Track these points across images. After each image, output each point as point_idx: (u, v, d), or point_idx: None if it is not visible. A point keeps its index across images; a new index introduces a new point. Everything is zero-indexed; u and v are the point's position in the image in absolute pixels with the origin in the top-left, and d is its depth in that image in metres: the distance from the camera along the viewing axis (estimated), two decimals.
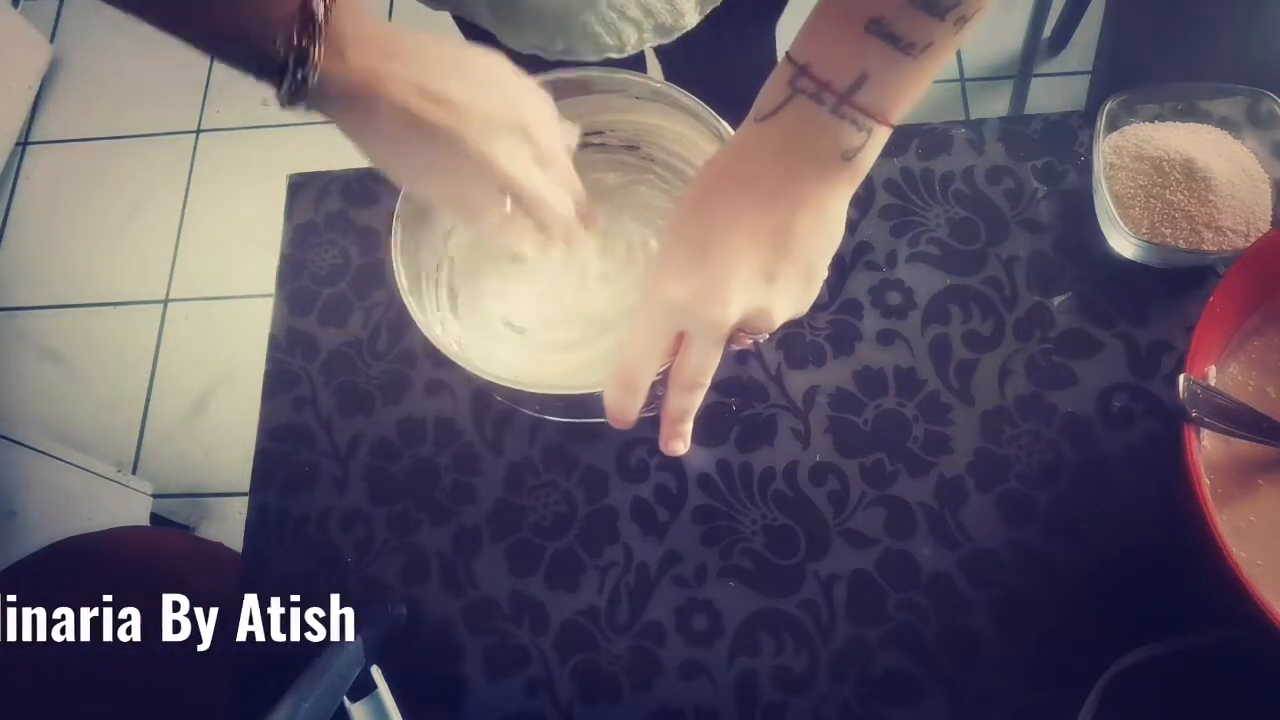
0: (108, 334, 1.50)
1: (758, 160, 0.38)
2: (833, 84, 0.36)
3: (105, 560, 0.88)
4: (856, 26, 0.35)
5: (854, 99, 0.36)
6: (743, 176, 0.39)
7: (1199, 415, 0.42)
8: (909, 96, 0.37)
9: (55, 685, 0.74)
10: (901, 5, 0.35)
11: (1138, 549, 0.49)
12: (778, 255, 0.39)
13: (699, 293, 0.38)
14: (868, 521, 0.51)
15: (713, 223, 0.39)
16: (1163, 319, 0.53)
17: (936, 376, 0.53)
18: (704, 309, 0.38)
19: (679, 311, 0.38)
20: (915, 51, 0.35)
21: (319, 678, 0.46)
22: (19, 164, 1.64)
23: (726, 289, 0.38)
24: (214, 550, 0.99)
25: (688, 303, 0.38)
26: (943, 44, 0.36)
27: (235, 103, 1.65)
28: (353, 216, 0.62)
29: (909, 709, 0.47)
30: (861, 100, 0.36)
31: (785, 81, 0.37)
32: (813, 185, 0.38)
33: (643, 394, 0.40)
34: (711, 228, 0.38)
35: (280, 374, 0.58)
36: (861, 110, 0.37)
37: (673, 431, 0.42)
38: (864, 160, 0.38)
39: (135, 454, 1.42)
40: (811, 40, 0.37)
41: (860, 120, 0.37)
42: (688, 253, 0.39)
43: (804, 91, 0.37)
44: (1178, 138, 0.53)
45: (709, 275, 0.38)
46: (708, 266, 0.38)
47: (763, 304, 0.39)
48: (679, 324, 0.39)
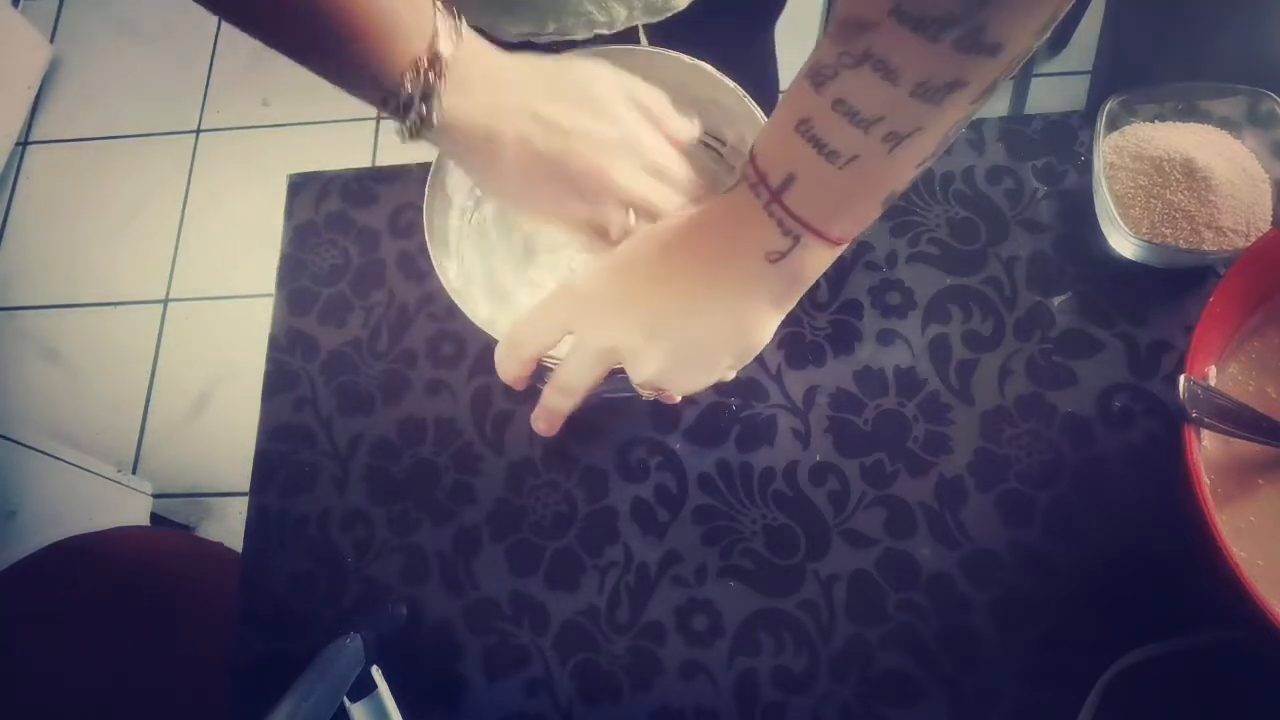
0: (108, 334, 1.51)
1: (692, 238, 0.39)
2: (767, 178, 0.36)
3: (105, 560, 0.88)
4: (789, 124, 0.34)
5: (783, 199, 0.35)
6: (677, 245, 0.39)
7: (1199, 415, 0.42)
8: (842, 210, 0.36)
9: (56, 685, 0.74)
10: (826, 110, 0.33)
11: (1138, 549, 0.49)
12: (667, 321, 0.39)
13: (597, 310, 0.40)
14: (868, 521, 0.51)
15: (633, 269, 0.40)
16: (1163, 319, 0.53)
17: (936, 376, 0.53)
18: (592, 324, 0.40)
19: (576, 314, 0.40)
20: (840, 162, 0.34)
21: (319, 678, 0.46)
22: (19, 164, 1.65)
23: (614, 320, 0.40)
24: (214, 550, 0.99)
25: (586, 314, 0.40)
26: (871, 160, 0.34)
27: (235, 103, 1.65)
28: (353, 216, 0.62)
29: (909, 709, 0.47)
30: (790, 202, 0.35)
31: (745, 163, 0.37)
32: (729, 281, 0.38)
33: (528, 365, 0.42)
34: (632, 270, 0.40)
35: (280, 374, 0.58)
36: (789, 213, 0.36)
37: (543, 416, 0.43)
38: (794, 269, 0.37)
39: (135, 454, 1.42)
40: (765, 130, 0.36)
41: (787, 223, 0.36)
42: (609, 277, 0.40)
43: (748, 180, 0.36)
44: (1178, 138, 0.53)
45: (611, 305, 0.40)
46: (615, 298, 0.40)
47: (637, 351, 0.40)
48: (570, 324, 0.41)
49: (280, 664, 0.50)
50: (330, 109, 1.58)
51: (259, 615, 0.53)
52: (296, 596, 0.53)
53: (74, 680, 0.75)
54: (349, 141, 1.57)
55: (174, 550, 1.02)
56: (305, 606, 0.53)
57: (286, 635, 0.52)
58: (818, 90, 0.33)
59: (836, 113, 0.33)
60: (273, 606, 0.53)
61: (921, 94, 0.31)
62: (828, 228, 0.36)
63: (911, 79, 0.31)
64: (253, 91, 1.65)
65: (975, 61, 0.30)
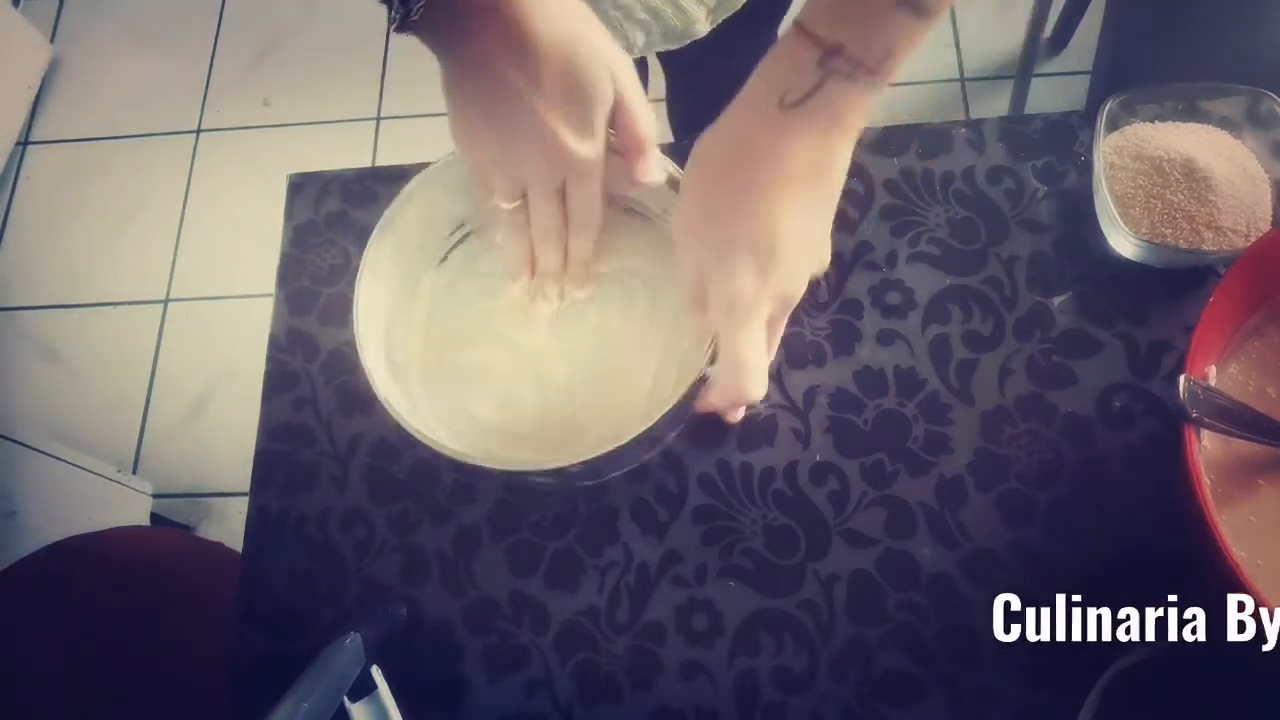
0: (108, 334, 1.51)
1: (794, 145, 0.39)
2: (866, 61, 0.37)
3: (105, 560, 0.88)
4: (889, 3, 0.36)
5: (881, 70, 0.37)
6: (780, 163, 0.39)
7: (1199, 415, 0.42)
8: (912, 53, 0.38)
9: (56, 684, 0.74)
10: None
11: (1138, 549, 0.49)
12: (825, 219, 0.42)
13: (782, 292, 0.41)
14: (868, 521, 0.51)
15: (765, 219, 0.40)
16: (1163, 319, 0.53)
17: (936, 376, 0.53)
18: (788, 301, 0.42)
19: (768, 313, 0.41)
20: (930, 16, 0.36)
21: (319, 678, 0.46)
22: (19, 164, 1.64)
23: (803, 274, 0.42)
24: (214, 550, 0.99)
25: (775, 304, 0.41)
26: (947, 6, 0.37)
27: (235, 103, 1.65)
28: (353, 216, 0.62)
29: (909, 709, 0.47)
30: (886, 70, 0.37)
31: (813, 63, 0.37)
32: (843, 150, 0.40)
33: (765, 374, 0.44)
34: (766, 224, 0.40)
35: (280, 374, 0.58)
36: (884, 78, 0.38)
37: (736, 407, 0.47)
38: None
39: (135, 454, 1.42)
40: (835, 17, 0.37)
41: (880, 85, 0.38)
42: (755, 255, 0.40)
43: (837, 72, 0.37)
44: (1178, 138, 0.53)
45: (784, 271, 0.41)
46: (779, 262, 0.40)
47: (822, 260, 0.43)
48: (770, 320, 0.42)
49: (280, 664, 0.50)
50: (330, 109, 1.58)
51: (259, 615, 0.53)
52: (296, 596, 0.53)
53: (74, 680, 0.75)
54: (349, 141, 1.57)
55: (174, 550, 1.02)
56: (305, 606, 0.53)
57: (286, 635, 0.52)
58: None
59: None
60: (273, 606, 0.53)
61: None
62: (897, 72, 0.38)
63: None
64: (253, 91, 1.65)
65: None
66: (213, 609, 0.76)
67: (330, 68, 1.62)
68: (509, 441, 0.50)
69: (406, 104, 1.59)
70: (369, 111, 1.58)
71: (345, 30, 1.66)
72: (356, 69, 1.61)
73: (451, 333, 0.53)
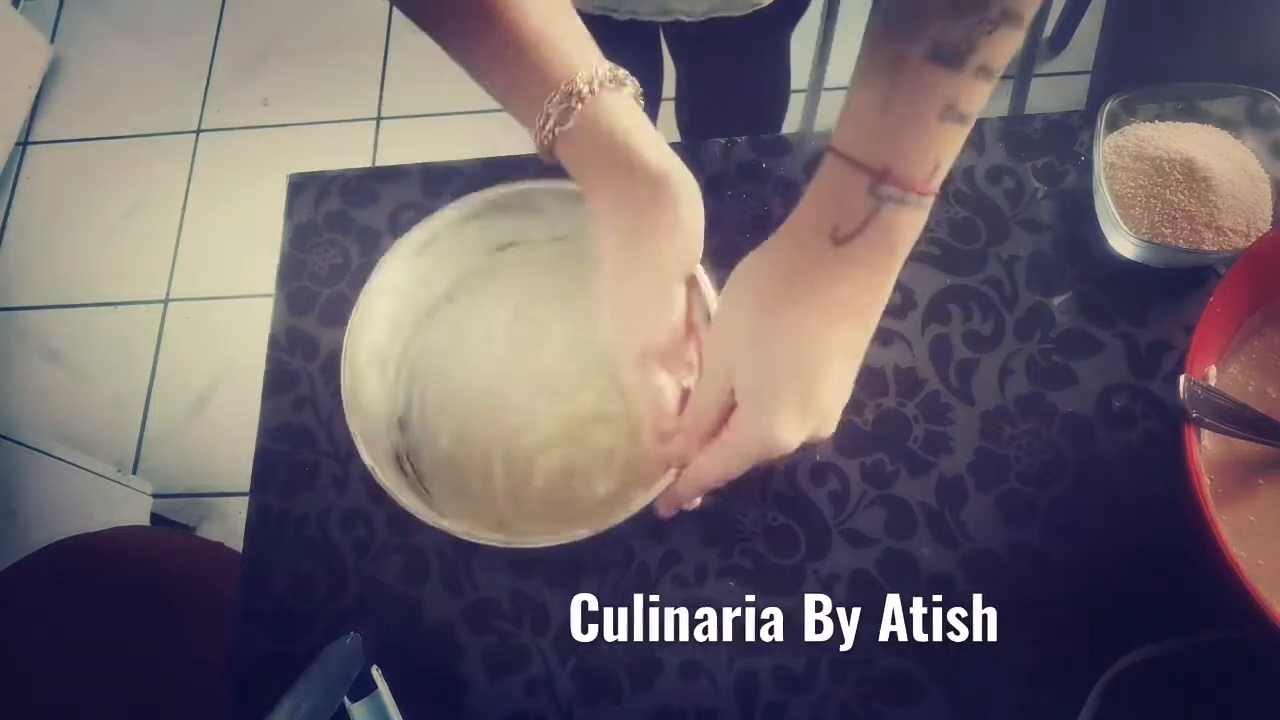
0: (108, 334, 1.51)
1: (850, 281, 0.38)
2: (915, 182, 0.36)
3: (105, 560, 0.88)
4: (931, 118, 0.35)
5: (929, 186, 0.36)
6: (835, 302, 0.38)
7: (1199, 415, 0.42)
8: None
9: (56, 685, 0.74)
10: (970, 83, 0.34)
11: (1138, 549, 0.49)
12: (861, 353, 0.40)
13: (814, 433, 0.40)
14: (868, 521, 0.51)
15: (816, 365, 0.39)
16: (1163, 319, 0.53)
17: (937, 376, 0.53)
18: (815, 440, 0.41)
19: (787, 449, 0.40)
20: (971, 121, 0.36)
21: (319, 678, 0.46)
22: (19, 164, 1.64)
23: (834, 418, 0.41)
24: (214, 550, 0.99)
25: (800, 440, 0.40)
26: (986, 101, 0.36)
27: (235, 103, 1.65)
28: (353, 216, 0.62)
29: (909, 709, 0.47)
30: (934, 185, 0.37)
31: (864, 191, 0.36)
32: (894, 275, 0.39)
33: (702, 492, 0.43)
34: (816, 370, 0.39)
35: (280, 374, 0.58)
36: (932, 194, 0.37)
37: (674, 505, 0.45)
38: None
39: (135, 454, 1.42)
40: (879, 140, 0.36)
41: (930, 203, 0.37)
42: (799, 398, 0.39)
43: (890, 199, 0.36)
44: (1178, 138, 0.53)
45: (823, 416, 0.40)
46: (818, 406, 0.39)
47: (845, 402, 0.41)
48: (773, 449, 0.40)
49: (280, 664, 0.50)
50: (330, 109, 1.58)
51: (259, 615, 0.53)
52: (296, 596, 0.53)
53: (74, 680, 0.75)
54: (349, 141, 1.57)
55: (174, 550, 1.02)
56: (305, 606, 0.53)
57: (286, 635, 0.52)
58: (955, 70, 0.34)
59: (979, 80, 0.34)
60: (273, 606, 0.53)
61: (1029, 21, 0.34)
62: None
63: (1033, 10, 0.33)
64: (253, 91, 1.65)
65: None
66: (213, 609, 0.76)
67: (330, 68, 1.62)
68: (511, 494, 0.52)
69: (406, 104, 1.59)
70: (369, 111, 1.58)
71: (345, 31, 1.66)
72: (356, 69, 1.61)
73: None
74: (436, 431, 0.53)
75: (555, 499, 0.51)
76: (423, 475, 0.51)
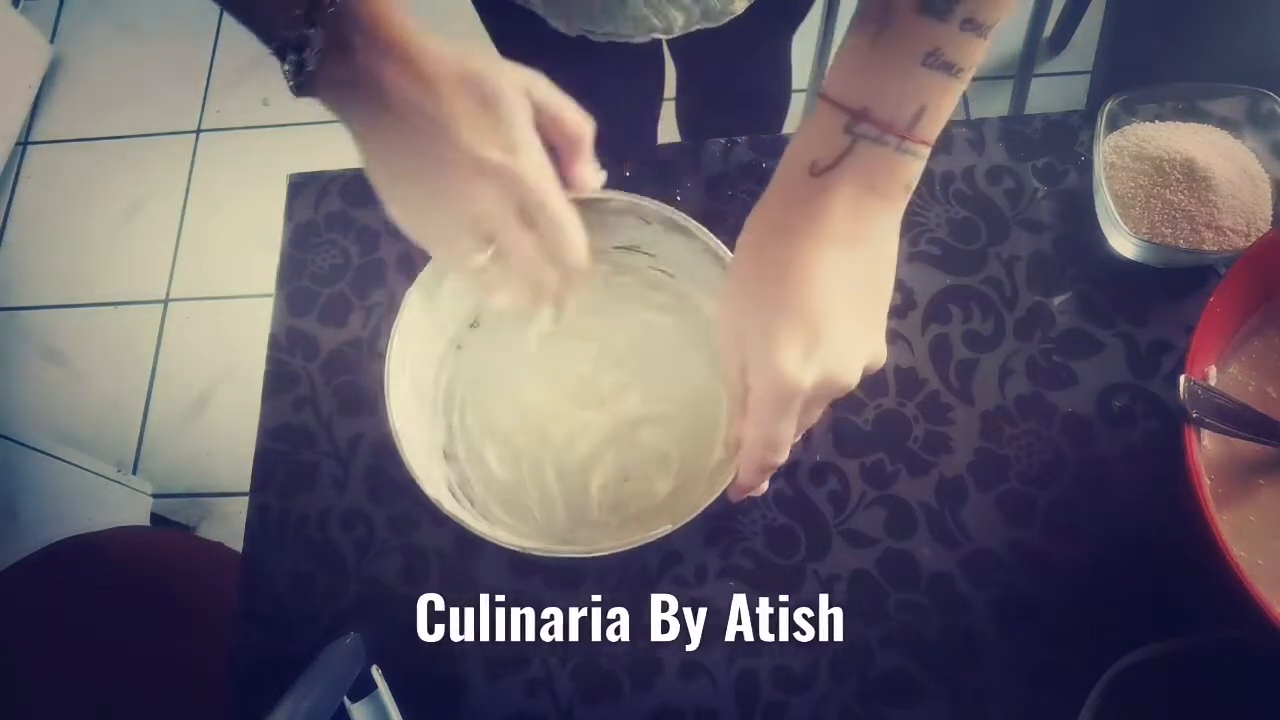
0: (108, 334, 1.50)
1: (828, 211, 0.38)
2: (895, 124, 0.36)
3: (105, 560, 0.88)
4: (913, 61, 0.36)
5: (914, 132, 0.37)
6: (815, 229, 0.38)
7: (1199, 415, 0.42)
8: (949, 114, 0.38)
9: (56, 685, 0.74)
10: (953, 33, 0.35)
11: (1138, 549, 0.49)
12: (879, 300, 0.40)
13: (829, 372, 0.38)
14: (868, 521, 0.51)
15: (804, 286, 0.38)
16: (1163, 319, 0.53)
17: (937, 376, 0.53)
18: (835, 386, 0.39)
19: (813, 394, 0.38)
20: (963, 74, 0.36)
21: (319, 678, 0.46)
22: (19, 164, 1.64)
23: (852, 360, 0.39)
24: (214, 550, 0.99)
25: (821, 385, 0.38)
26: (980, 60, 0.37)
27: (235, 103, 1.65)
28: (353, 216, 0.62)
29: (909, 709, 0.47)
30: (920, 132, 0.37)
31: (840, 129, 0.37)
32: (883, 220, 0.39)
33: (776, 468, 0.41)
34: (806, 292, 0.38)
35: (280, 374, 0.58)
36: (921, 141, 0.37)
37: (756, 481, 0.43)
38: (914, 185, 0.39)
39: (135, 454, 1.42)
40: (860, 82, 0.37)
41: (919, 150, 0.37)
42: (796, 328, 0.38)
43: (865, 136, 0.37)
44: (1178, 138, 0.53)
45: (832, 351, 0.38)
46: (827, 341, 0.38)
47: (872, 356, 0.40)
48: (810, 402, 0.39)
49: (280, 664, 0.50)
50: None
51: (259, 615, 0.53)
52: (296, 596, 0.53)
53: (74, 680, 0.75)
54: (349, 141, 1.56)
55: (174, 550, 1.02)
56: (305, 606, 0.53)
57: (286, 635, 0.52)
58: (943, 20, 0.35)
59: (966, 31, 0.35)
60: (273, 606, 0.53)
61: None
62: (935, 136, 0.38)
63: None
64: (253, 91, 1.64)
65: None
66: (213, 609, 0.76)
67: None
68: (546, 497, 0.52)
69: None
70: None
71: None
72: None
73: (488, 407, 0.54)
74: (484, 456, 0.53)
75: (615, 505, 0.51)
76: (476, 501, 0.51)
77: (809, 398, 0.38)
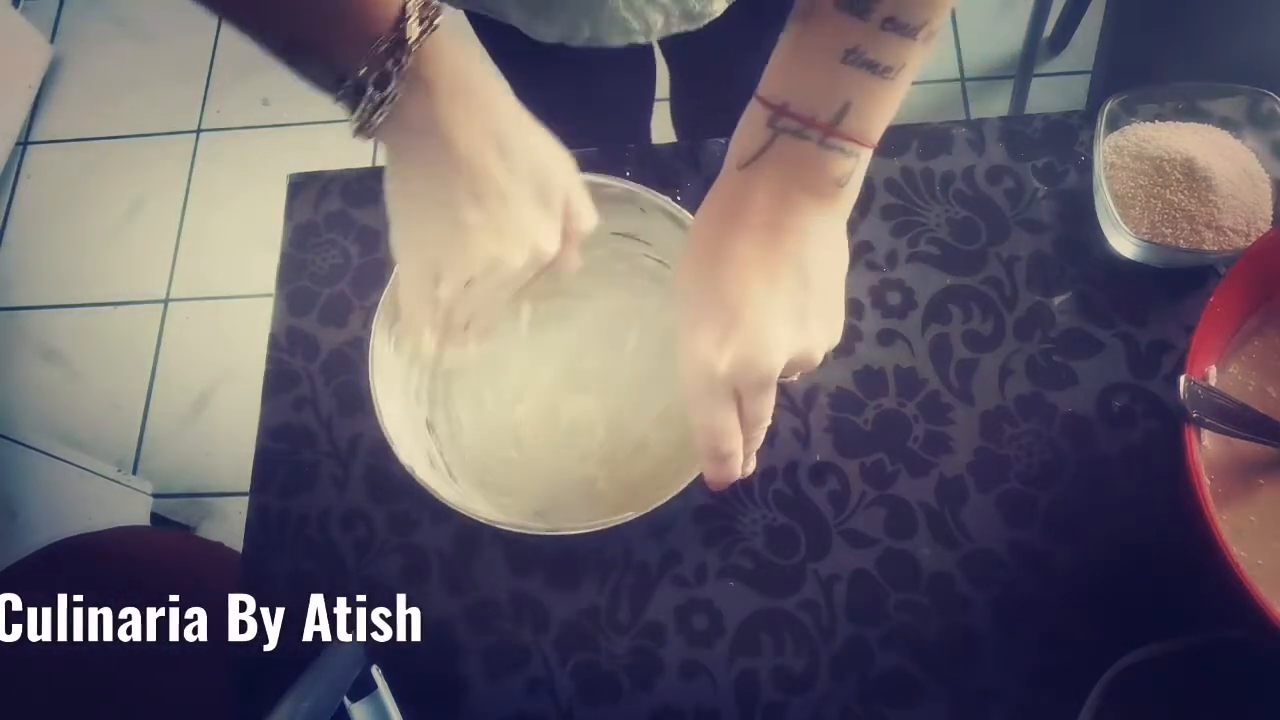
0: (108, 334, 1.50)
1: (750, 202, 0.38)
2: (817, 119, 0.37)
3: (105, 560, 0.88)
4: (831, 59, 0.36)
5: (839, 129, 0.37)
6: (740, 220, 0.39)
7: (1199, 415, 0.42)
8: (888, 116, 0.38)
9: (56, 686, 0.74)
10: (873, 32, 0.35)
11: (1138, 549, 0.49)
12: (802, 290, 0.39)
13: (743, 356, 0.38)
14: (868, 521, 0.51)
15: (726, 273, 0.38)
16: (1163, 319, 0.53)
17: (937, 376, 0.53)
18: (752, 370, 0.38)
19: (729, 380, 0.38)
20: (892, 74, 0.36)
21: (319, 678, 0.46)
22: (19, 164, 1.64)
23: (768, 343, 0.38)
24: (214, 550, 0.99)
25: (735, 369, 0.38)
26: (915, 61, 0.37)
27: (235, 103, 1.65)
28: (353, 216, 0.62)
29: (909, 709, 0.47)
30: (846, 128, 0.37)
31: (763, 124, 0.38)
32: (813, 214, 0.39)
33: (737, 456, 0.40)
34: (727, 279, 0.38)
35: (280, 374, 0.58)
36: (848, 138, 0.37)
37: (725, 477, 0.42)
38: (856, 182, 0.39)
39: (135, 454, 1.42)
40: (783, 78, 0.38)
41: (848, 147, 0.37)
42: (715, 314, 0.38)
43: (786, 130, 0.37)
44: (1178, 137, 0.53)
45: (746, 335, 0.38)
46: (742, 325, 0.38)
47: (803, 345, 0.39)
48: (733, 389, 0.39)
49: (280, 664, 0.50)
50: (330, 109, 1.56)
51: (259, 615, 0.53)
52: (296, 596, 0.53)
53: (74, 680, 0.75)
54: (349, 141, 1.53)
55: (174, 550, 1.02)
56: (305, 606, 0.53)
57: (287, 635, 0.52)
58: (862, 18, 0.35)
59: (888, 31, 0.35)
60: (273, 607, 0.53)
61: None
62: (876, 135, 0.38)
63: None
64: (253, 91, 1.64)
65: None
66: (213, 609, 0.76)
67: None
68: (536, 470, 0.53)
69: None
70: None
71: None
72: None
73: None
74: (463, 429, 0.54)
75: (597, 489, 0.52)
76: (456, 476, 0.52)
77: (733, 384, 0.38)
